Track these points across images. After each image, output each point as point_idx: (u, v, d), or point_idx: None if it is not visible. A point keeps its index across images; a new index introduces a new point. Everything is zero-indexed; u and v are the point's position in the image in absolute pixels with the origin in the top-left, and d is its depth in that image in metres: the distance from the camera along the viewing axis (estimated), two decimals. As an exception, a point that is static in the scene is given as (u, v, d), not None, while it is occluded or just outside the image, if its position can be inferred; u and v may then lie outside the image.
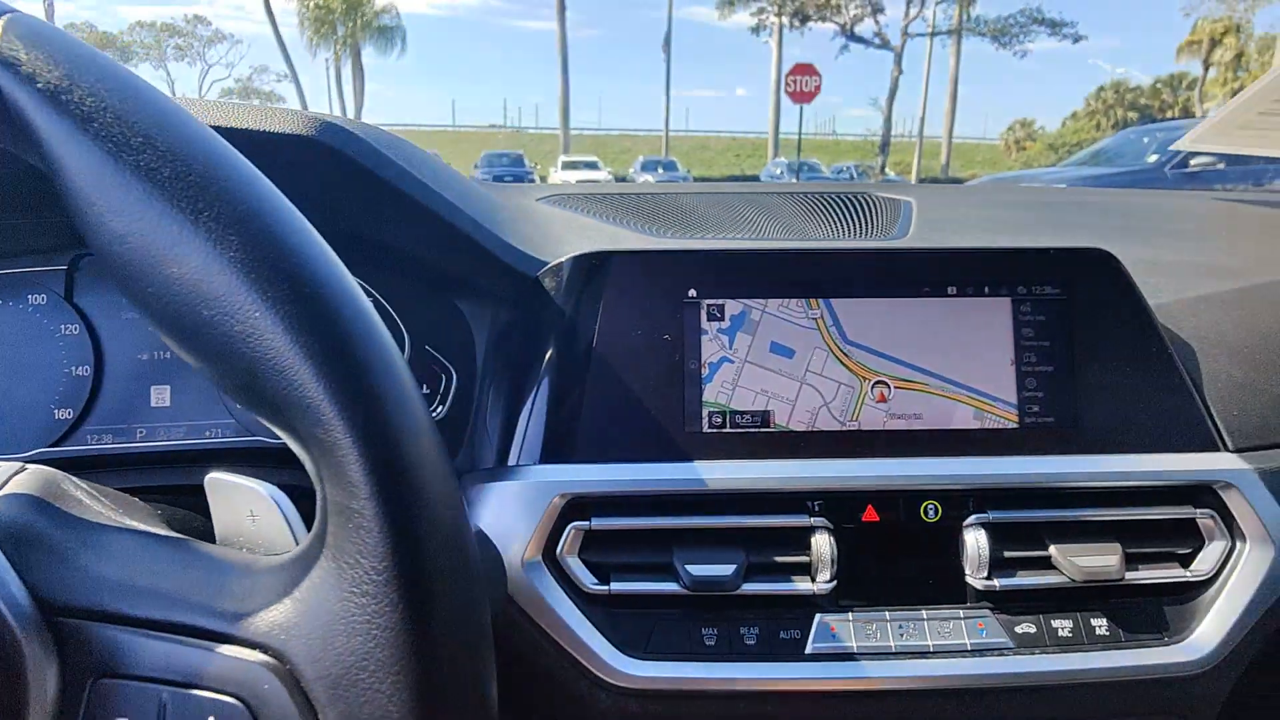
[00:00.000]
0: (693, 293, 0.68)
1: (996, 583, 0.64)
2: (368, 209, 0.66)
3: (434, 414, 0.72)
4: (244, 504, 0.40)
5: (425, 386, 0.72)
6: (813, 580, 0.63)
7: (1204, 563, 0.66)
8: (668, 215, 0.94)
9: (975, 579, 0.64)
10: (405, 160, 0.64)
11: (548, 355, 0.68)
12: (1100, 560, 0.63)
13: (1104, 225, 0.97)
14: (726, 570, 0.62)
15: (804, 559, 0.64)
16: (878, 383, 0.67)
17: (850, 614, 0.64)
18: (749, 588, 0.63)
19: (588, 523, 0.64)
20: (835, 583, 0.63)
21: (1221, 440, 0.68)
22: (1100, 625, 0.65)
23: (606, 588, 0.63)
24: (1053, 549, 0.64)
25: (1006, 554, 0.65)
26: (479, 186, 0.88)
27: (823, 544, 0.63)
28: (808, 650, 0.63)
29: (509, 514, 0.64)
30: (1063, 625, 0.65)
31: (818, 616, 0.64)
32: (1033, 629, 0.64)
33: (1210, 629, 0.64)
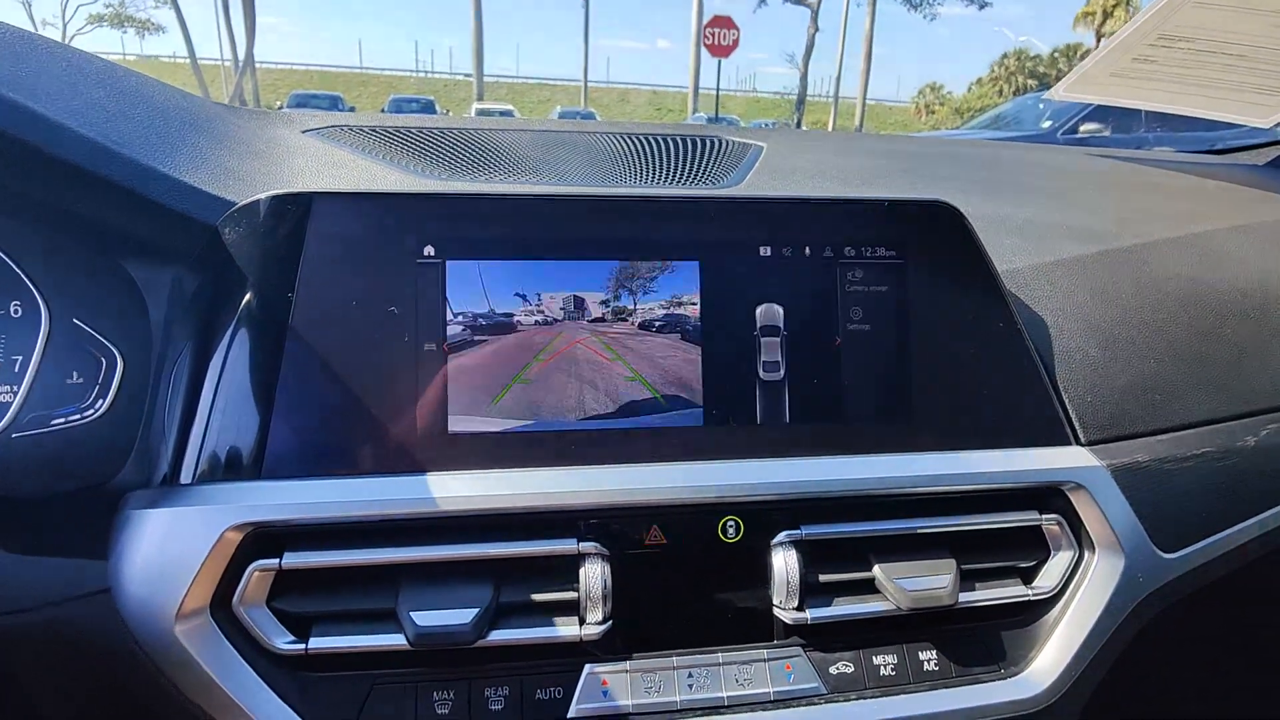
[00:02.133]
0: (430, 251, 0.51)
1: (809, 614, 0.52)
2: None
3: (91, 410, 0.53)
4: None
5: (77, 374, 0.53)
6: (581, 622, 0.50)
7: (1048, 577, 0.56)
8: (464, 156, 0.76)
9: (784, 610, 0.52)
10: None
11: (228, 331, 0.50)
12: (931, 581, 0.52)
13: (963, 177, 0.85)
14: (463, 619, 0.47)
15: (570, 595, 0.50)
16: (672, 368, 0.53)
17: (628, 663, 0.51)
18: (498, 636, 0.49)
19: (277, 560, 0.48)
20: (609, 624, 0.50)
21: (1073, 431, 0.58)
22: (929, 659, 0.54)
23: (303, 646, 0.48)
24: (877, 569, 0.53)
25: (822, 578, 0.53)
26: (192, 105, 0.67)
27: (595, 575, 0.49)
28: (571, 713, 0.50)
29: (169, 551, 0.47)
30: (885, 662, 0.54)
31: (586, 668, 0.51)
32: (850, 668, 0.53)
33: (1051, 656, 0.55)
